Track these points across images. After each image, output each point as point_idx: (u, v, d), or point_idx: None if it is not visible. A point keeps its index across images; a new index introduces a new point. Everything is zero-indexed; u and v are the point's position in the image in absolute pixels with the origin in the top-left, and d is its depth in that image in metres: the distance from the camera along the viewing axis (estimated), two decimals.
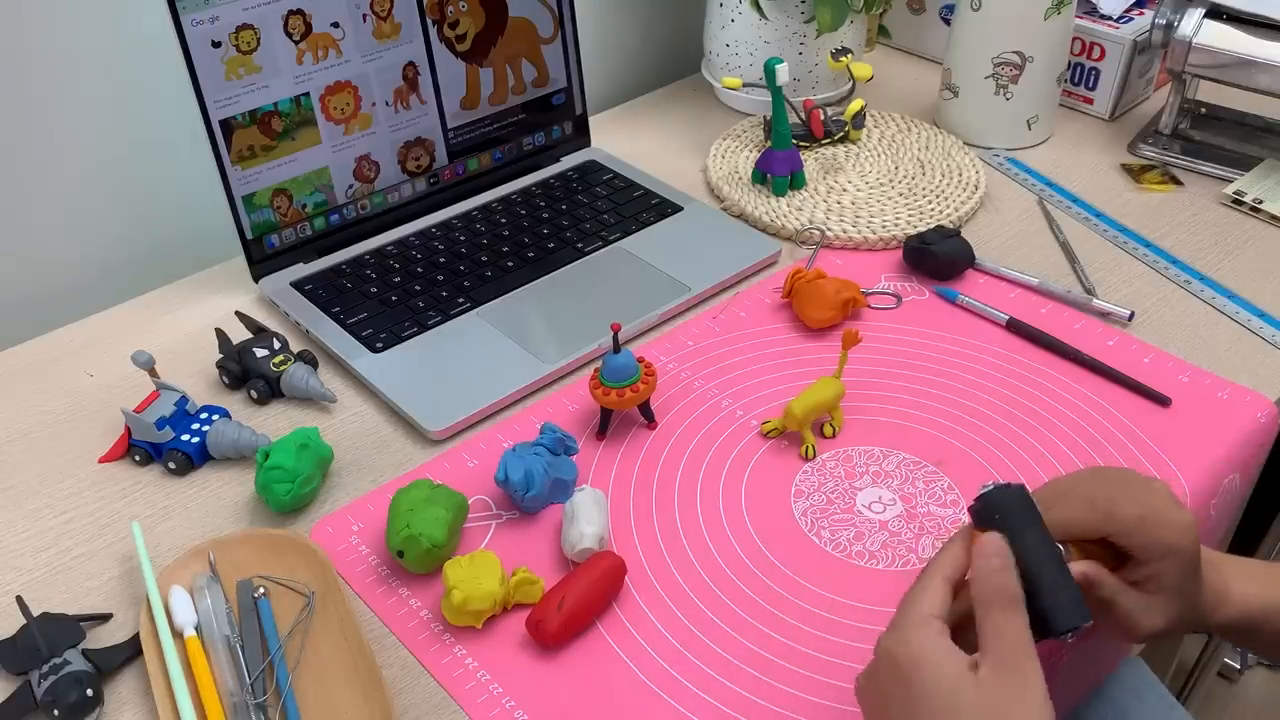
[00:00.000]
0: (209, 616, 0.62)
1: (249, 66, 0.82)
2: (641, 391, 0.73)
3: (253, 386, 0.78)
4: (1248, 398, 0.77)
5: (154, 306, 0.90)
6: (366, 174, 0.92)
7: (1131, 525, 0.53)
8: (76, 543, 0.69)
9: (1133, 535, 0.53)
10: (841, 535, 0.68)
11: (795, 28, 1.07)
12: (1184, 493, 0.70)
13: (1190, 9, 0.98)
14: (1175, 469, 0.71)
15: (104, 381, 0.81)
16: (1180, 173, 1.04)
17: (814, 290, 0.83)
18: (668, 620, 0.63)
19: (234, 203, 0.85)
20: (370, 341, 0.82)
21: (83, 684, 0.58)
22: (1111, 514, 0.53)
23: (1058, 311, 0.86)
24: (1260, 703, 1.42)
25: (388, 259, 0.91)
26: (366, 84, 0.89)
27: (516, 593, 0.63)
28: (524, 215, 0.96)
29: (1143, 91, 1.15)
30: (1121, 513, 0.53)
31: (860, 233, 0.93)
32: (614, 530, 0.68)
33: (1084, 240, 0.95)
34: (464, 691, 0.59)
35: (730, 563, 0.66)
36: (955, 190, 0.99)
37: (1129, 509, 0.53)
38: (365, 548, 0.68)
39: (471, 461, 0.74)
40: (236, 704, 0.58)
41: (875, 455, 0.74)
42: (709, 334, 0.84)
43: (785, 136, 0.97)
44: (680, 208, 0.97)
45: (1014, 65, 1.02)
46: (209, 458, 0.74)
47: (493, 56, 0.96)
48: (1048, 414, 0.76)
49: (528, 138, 1.02)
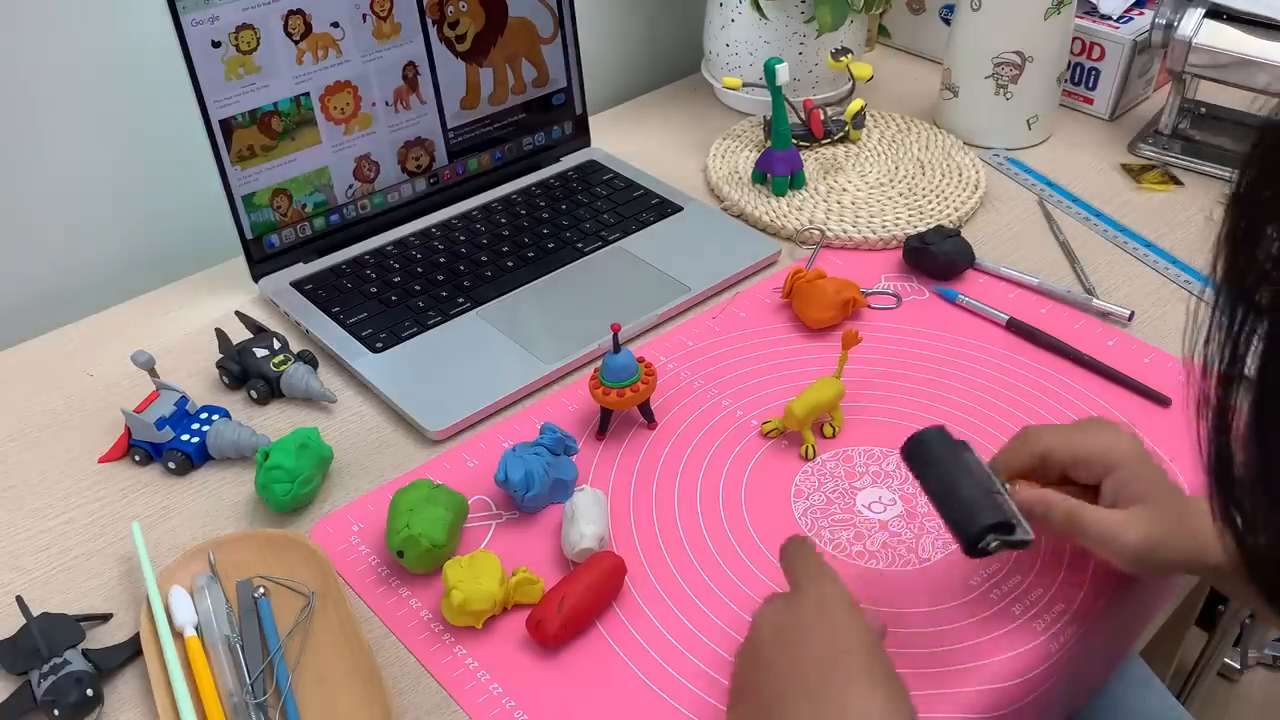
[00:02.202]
0: (209, 616, 0.62)
1: (249, 66, 0.82)
2: (641, 391, 0.73)
3: (253, 386, 0.78)
4: None
5: (154, 306, 0.90)
6: (366, 174, 0.92)
7: (1060, 453, 0.60)
8: (76, 543, 0.69)
9: (1066, 458, 0.60)
10: (841, 535, 0.68)
11: (795, 28, 1.07)
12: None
13: (1190, 9, 0.98)
14: (1175, 469, 0.71)
15: (104, 381, 0.81)
16: (1180, 173, 1.04)
17: (814, 290, 0.83)
18: (668, 620, 0.63)
19: (234, 203, 0.85)
20: (370, 341, 0.82)
21: (83, 684, 0.58)
22: (1044, 452, 0.61)
23: (1058, 311, 0.86)
24: (1260, 703, 1.42)
25: (388, 259, 0.91)
26: (366, 84, 0.89)
27: (516, 593, 0.63)
28: (524, 215, 0.96)
29: (1143, 91, 1.15)
30: (1048, 443, 0.60)
31: (860, 233, 0.93)
32: (614, 530, 0.68)
33: (1084, 240, 0.94)
34: (464, 691, 0.59)
35: (730, 563, 0.66)
36: (955, 190, 0.99)
37: (1055, 440, 0.61)
38: (365, 548, 0.68)
39: (471, 461, 0.74)
40: (236, 704, 0.58)
41: (875, 455, 0.74)
42: (709, 334, 0.84)
43: (785, 136, 0.97)
44: (680, 208, 0.97)
45: (1014, 65, 1.02)
46: (209, 458, 0.74)
47: (493, 56, 0.96)
48: (1048, 414, 0.76)
49: (528, 138, 1.02)
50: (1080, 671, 0.65)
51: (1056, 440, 0.61)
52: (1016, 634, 0.61)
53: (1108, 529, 0.57)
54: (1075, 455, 0.60)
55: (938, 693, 0.58)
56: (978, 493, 0.56)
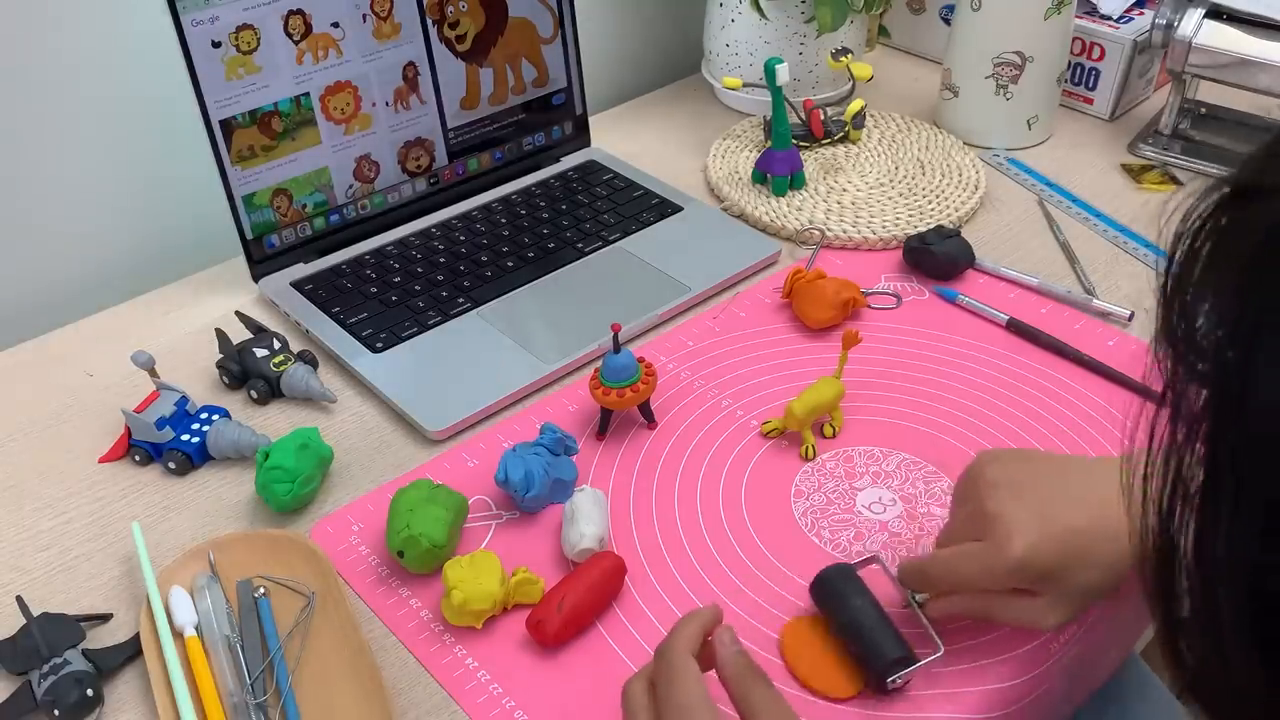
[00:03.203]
0: (209, 616, 0.62)
1: (249, 66, 0.82)
2: (641, 391, 0.73)
3: (253, 386, 0.78)
4: None
5: (154, 306, 0.90)
6: (366, 174, 0.92)
7: (940, 575, 0.58)
8: (76, 543, 0.69)
9: (944, 571, 0.58)
10: (841, 535, 0.68)
11: (795, 28, 1.07)
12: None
13: (1190, 9, 0.98)
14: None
15: (104, 381, 0.81)
16: (1180, 173, 1.04)
17: (814, 290, 0.83)
18: (668, 620, 0.63)
19: (234, 203, 0.85)
20: (370, 341, 0.82)
21: (83, 684, 0.58)
22: (934, 574, 0.59)
23: (1058, 311, 0.86)
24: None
25: (388, 259, 0.91)
26: (366, 84, 0.89)
27: (516, 593, 0.63)
28: (524, 215, 0.96)
29: (1143, 91, 1.15)
30: (930, 576, 0.59)
31: (860, 233, 0.93)
32: (614, 530, 0.68)
33: (1084, 240, 0.94)
34: (464, 691, 0.59)
35: (730, 563, 0.66)
36: (955, 190, 0.99)
37: (931, 570, 0.59)
38: (365, 548, 0.68)
39: (471, 461, 0.74)
40: (236, 704, 0.58)
41: (875, 455, 0.73)
42: (709, 334, 0.84)
43: (785, 136, 0.97)
44: (680, 208, 0.97)
45: (1014, 65, 1.02)
46: (209, 458, 0.74)
47: (493, 56, 0.96)
48: (1048, 414, 0.76)
49: (528, 138, 1.02)
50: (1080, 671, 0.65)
51: (932, 570, 0.59)
52: (1016, 634, 0.61)
53: (1025, 619, 0.56)
54: (969, 579, 0.57)
55: (938, 693, 0.58)
56: (881, 631, 0.58)
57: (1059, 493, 0.56)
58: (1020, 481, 0.56)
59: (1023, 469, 0.57)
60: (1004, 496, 0.55)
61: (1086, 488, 0.56)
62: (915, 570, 0.59)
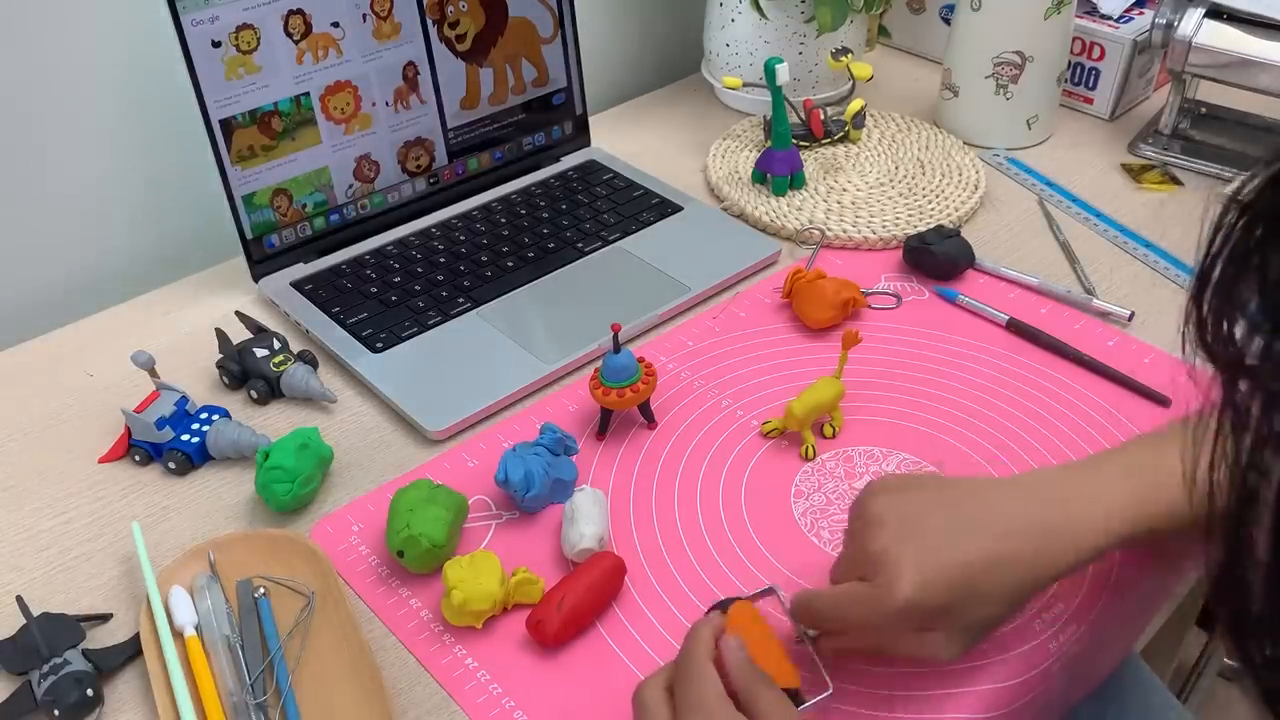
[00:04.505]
0: (209, 616, 0.62)
1: (249, 66, 0.82)
2: (641, 391, 0.73)
3: (253, 386, 0.78)
4: None
5: (154, 306, 0.90)
6: (366, 174, 0.92)
7: (842, 614, 0.56)
8: (76, 543, 0.69)
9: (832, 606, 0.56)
10: (841, 535, 0.68)
11: (795, 28, 1.07)
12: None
13: (1190, 9, 0.98)
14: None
15: (104, 381, 0.81)
16: (1180, 173, 1.04)
17: (814, 290, 0.83)
18: (668, 620, 0.63)
19: (234, 203, 0.85)
20: (370, 341, 0.82)
21: (83, 684, 0.58)
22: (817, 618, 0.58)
23: (1058, 311, 0.86)
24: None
25: (388, 259, 0.91)
26: (366, 84, 0.89)
27: (516, 593, 0.63)
28: (524, 215, 0.96)
29: (1143, 91, 1.15)
30: (828, 607, 0.56)
31: (860, 233, 0.93)
32: (614, 530, 0.68)
33: (1084, 240, 0.94)
34: (464, 691, 0.59)
35: (730, 563, 0.66)
36: (955, 190, 0.99)
37: (819, 605, 0.57)
38: (365, 548, 0.68)
39: (471, 461, 0.74)
40: (236, 704, 0.58)
41: (875, 455, 0.74)
42: (709, 334, 0.84)
43: (785, 136, 0.97)
44: (680, 208, 0.97)
45: (1014, 65, 1.02)
46: (209, 458, 0.74)
47: (493, 56, 0.96)
48: (1048, 414, 0.76)
49: (528, 138, 1.02)
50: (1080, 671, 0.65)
51: (819, 608, 0.57)
52: (1016, 634, 0.61)
53: (918, 651, 0.54)
54: (836, 606, 0.56)
55: (938, 693, 0.58)
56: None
57: (951, 524, 0.53)
58: (908, 515, 0.54)
59: (912, 500, 0.55)
60: (890, 535, 0.53)
61: (982, 516, 0.54)
62: (805, 606, 0.57)
